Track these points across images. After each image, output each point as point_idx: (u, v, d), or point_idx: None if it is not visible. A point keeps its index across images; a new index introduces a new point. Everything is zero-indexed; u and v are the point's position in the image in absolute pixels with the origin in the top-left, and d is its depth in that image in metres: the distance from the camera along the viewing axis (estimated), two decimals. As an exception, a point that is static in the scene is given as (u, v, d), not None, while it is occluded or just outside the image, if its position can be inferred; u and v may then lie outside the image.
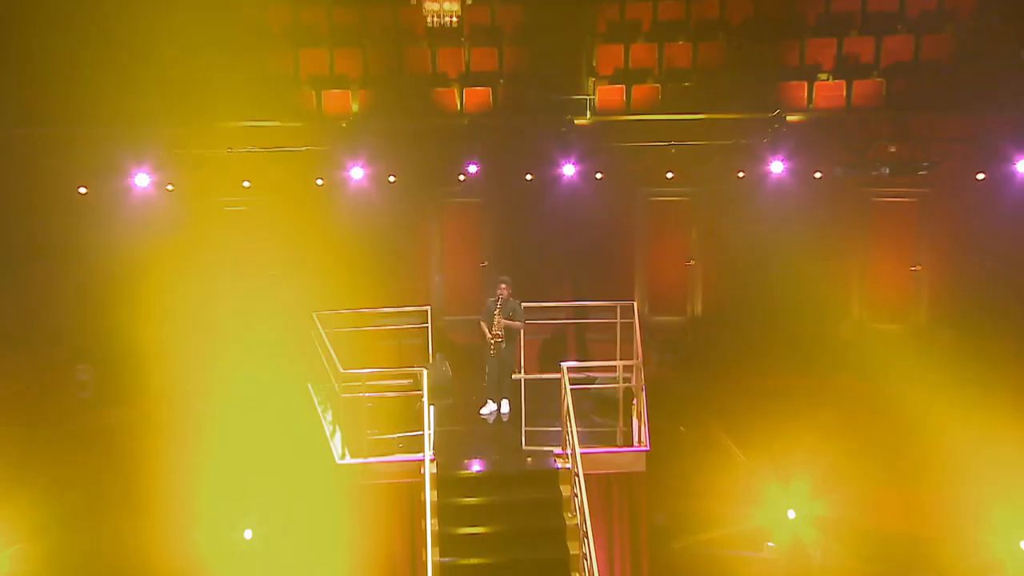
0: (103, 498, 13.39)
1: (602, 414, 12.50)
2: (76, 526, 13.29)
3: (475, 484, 11.93)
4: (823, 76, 16.36)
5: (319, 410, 12.83)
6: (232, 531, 13.42)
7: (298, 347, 13.73)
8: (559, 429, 11.80)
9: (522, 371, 12.89)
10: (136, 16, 14.77)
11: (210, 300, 14.99)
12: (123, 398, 14.16)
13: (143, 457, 13.13)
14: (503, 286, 13.69)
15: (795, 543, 13.66)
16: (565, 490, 11.18)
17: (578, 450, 10.98)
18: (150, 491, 13.03)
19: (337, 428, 12.29)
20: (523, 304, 13.48)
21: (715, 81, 16.80)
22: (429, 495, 10.81)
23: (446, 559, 10.73)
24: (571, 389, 11.59)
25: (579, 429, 11.68)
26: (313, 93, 16.92)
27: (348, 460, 11.63)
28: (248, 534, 13.33)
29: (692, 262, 17.11)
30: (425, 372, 11.91)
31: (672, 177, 16.29)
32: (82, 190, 14.95)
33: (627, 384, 12.49)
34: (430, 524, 10.56)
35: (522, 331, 13.42)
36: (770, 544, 13.65)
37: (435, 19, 16.65)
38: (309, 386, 13.19)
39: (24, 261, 15.26)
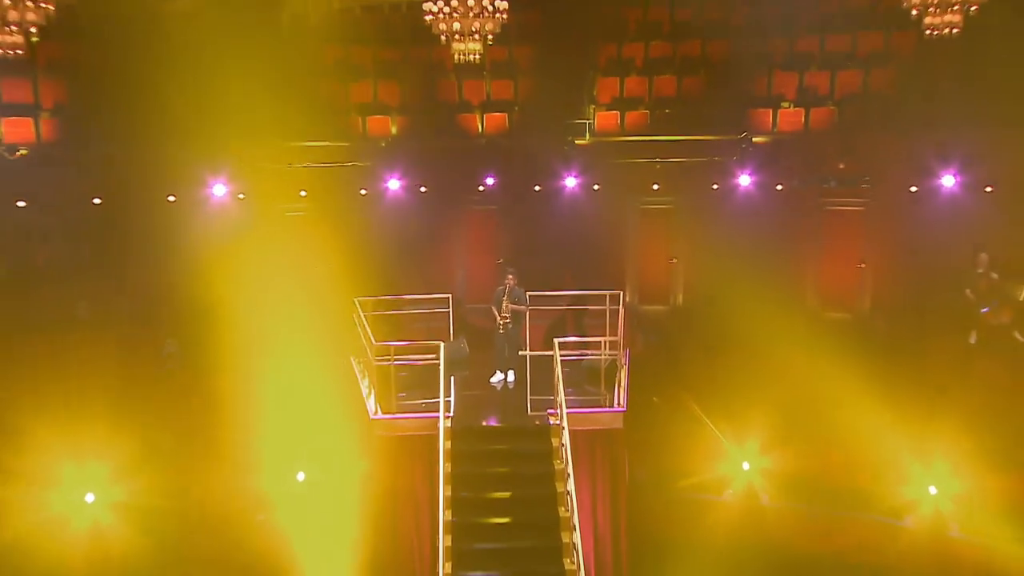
0: (185, 445, 13.97)
1: (592, 383, 12.98)
2: (164, 467, 13.66)
3: (483, 436, 12.59)
4: (786, 104, 16.81)
5: (358, 376, 13.37)
6: (287, 474, 13.96)
7: (342, 326, 14.00)
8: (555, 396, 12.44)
9: (527, 348, 13.23)
10: (215, 56, 15.01)
11: (272, 288, 15.08)
12: (201, 366, 14.63)
13: (217, 413, 13.70)
14: (510, 277, 14.27)
15: (748, 490, 14.14)
16: (555, 442, 11.69)
17: (565, 409, 11.58)
18: (223, 440, 13.54)
19: (372, 390, 12.81)
20: (530, 293, 13.95)
21: (695, 108, 17.25)
22: (442, 444, 11.49)
23: (458, 495, 11.34)
24: (562, 361, 12.18)
25: (572, 396, 12.32)
26: (359, 118, 17.51)
27: (379, 416, 12.30)
28: (300, 476, 13.90)
29: (675, 260, 17.53)
30: (442, 345, 12.49)
31: (658, 188, 16.98)
32: (171, 198, 15.68)
33: (612, 358, 13.11)
34: (442, 467, 11.28)
35: (527, 314, 13.83)
36: (729, 491, 14.11)
37: (461, 56, 15.58)
38: (352, 359, 13.65)
39: (124, 256, 15.93)
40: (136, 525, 13.40)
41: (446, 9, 15.03)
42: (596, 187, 16.69)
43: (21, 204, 15.40)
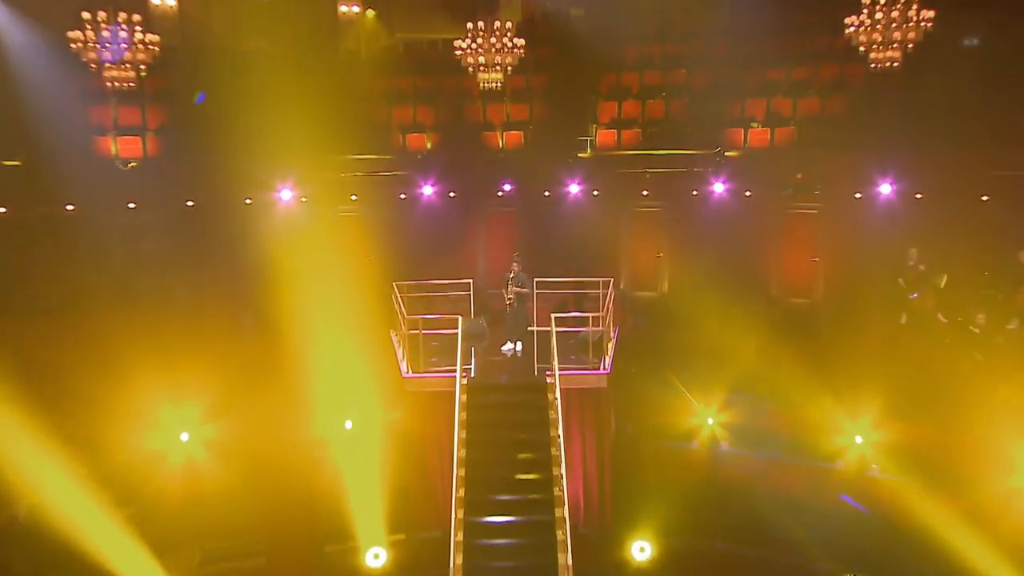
0: (260, 396, 14.22)
1: (587, 353, 13.61)
2: (243, 414, 14.24)
3: (492, 391, 13.39)
4: (755, 125, 17.12)
5: (395, 344, 14.08)
6: (338, 421, 14.42)
7: (383, 305, 14.53)
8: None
9: (534, 324, 14.08)
10: (284, 85, 15.91)
11: (327, 273, 15.31)
12: (272, 334, 14.93)
13: (284, 372, 14.15)
14: (514, 265, 14.94)
15: (711, 440, 14.41)
16: (551, 396, 12.43)
17: (557, 370, 12.51)
18: (289, 393, 14.07)
19: (404, 355, 13.66)
20: (537, 279, 14.58)
21: (679, 128, 17.69)
22: (459, 397, 12.49)
23: (471, 437, 12.28)
24: (561, 334, 13.12)
25: (568, 363, 13.20)
26: (400, 135, 18.13)
27: (410, 375, 13.35)
28: (348, 424, 14.32)
29: (661, 255, 17.67)
30: (460, 319, 13.35)
31: (647, 194, 17.29)
32: (248, 200, 16.47)
33: (603, 332, 13.84)
34: (458, 415, 12.32)
35: (533, 295, 14.42)
36: (695, 441, 14.39)
37: (485, 84, 17.05)
38: (391, 331, 14.28)
39: (211, 247, 16.36)
40: (221, 460, 14.14)
41: (473, 45, 16.52)
42: (596, 193, 17.13)
43: (132, 206, 16.10)
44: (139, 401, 14.05)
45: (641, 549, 12.39)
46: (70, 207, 15.85)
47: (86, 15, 14.49)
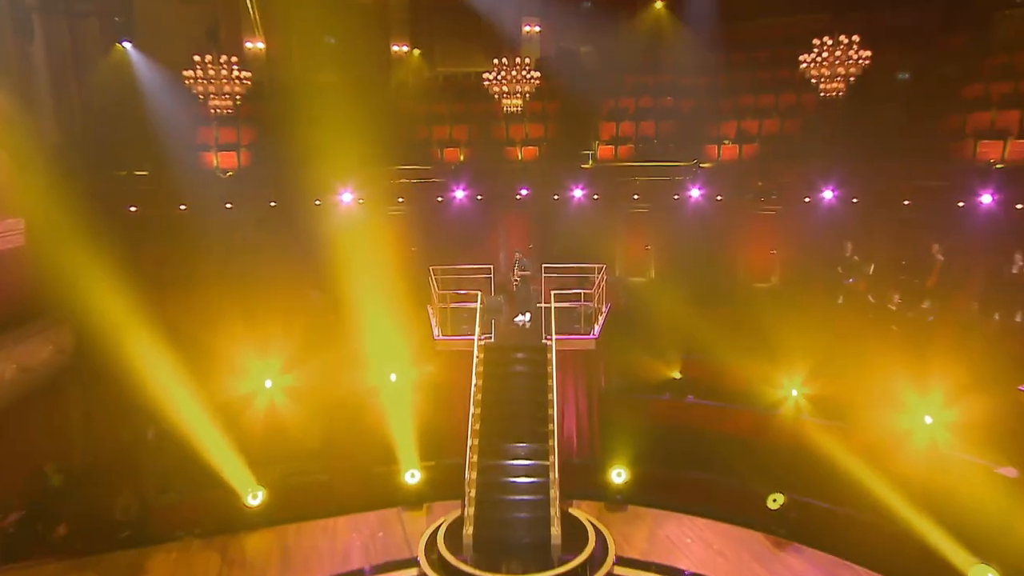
0: (327, 354, 15.22)
1: (582, 323, 14.27)
2: (314, 367, 15.08)
3: (502, 350, 14.14)
4: (727, 141, 17.58)
5: (429, 315, 14.90)
6: (385, 374, 15.05)
7: (422, 284, 15.46)
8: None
9: (542, 300, 14.50)
10: (346, 109, 16.32)
11: (379, 259, 15.67)
12: (334, 306, 15.84)
13: (343, 335, 15.19)
14: (518, 253, 15.77)
15: (679, 391, 15.11)
16: (549, 356, 13.29)
17: (554, 335, 13.42)
18: (349, 352, 15.10)
19: (436, 323, 14.56)
20: (545, 266, 15.14)
21: (665, 143, 18.20)
22: (476, 355, 13.42)
23: (485, 385, 13.20)
24: (556, 307, 13.72)
25: (569, 331, 13.90)
26: (438, 150, 18.69)
27: (440, 338, 14.30)
28: (393, 377, 14.97)
29: (649, 247, 18.31)
30: (480, 294, 14.29)
31: (637, 198, 18.00)
32: (317, 202, 17.14)
33: (596, 308, 14.54)
34: (475, 368, 13.27)
35: (541, 278, 14.97)
36: (667, 393, 15.10)
37: (508, 109, 17.60)
38: (427, 305, 15.07)
39: (288, 238, 17.05)
40: (297, 402, 15.02)
41: (498, 77, 16.92)
42: (596, 196, 17.70)
43: (228, 205, 17.04)
44: (235, 354, 14.94)
45: (618, 474, 13.09)
46: (183, 207, 16.79)
47: (197, 57, 15.22)
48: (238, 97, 15.89)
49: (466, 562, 10.70)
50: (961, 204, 14.16)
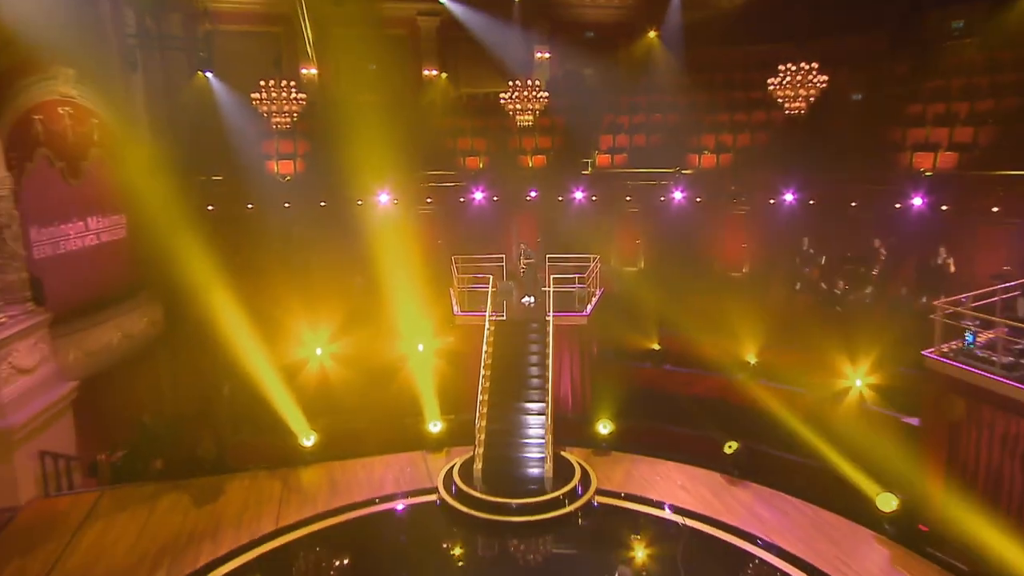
0: (367, 327, 15.88)
1: (577, 303, 14.70)
2: (356, 337, 15.72)
3: (509, 324, 14.59)
4: (706, 151, 18.15)
5: (451, 295, 15.37)
6: (414, 344, 15.51)
7: (445, 270, 16.12)
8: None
9: (546, 286, 14.68)
10: (384, 124, 16.73)
11: (410, 250, 16.53)
12: (373, 289, 16.23)
13: (380, 312, 15.68)
14: (523, 246, 16.33)
15: (657, 360, 15.42)
16: (548, 330, 13.77)
17: (551, 312, 14.02)
18: (383, 326, 15.66)
19: (456, 302, 15.08)
20: (550, 256, 15.65)
21: (653, 153, 18.55)
22: (487, 327, 13.97)
23: (494, 351, 13.76)
24: (556, 290, 14.21)
25: (563, 309, 14.29)
26: (461, 158, 19.21)
27: (459, 314, 14.81)
28: (420, 347, 15.42)
29: (639, 241, 18.76)
30: (491, 278, 14.78)
31: (629, 199, 18.49)
32: (359, 202, 17.54)
33: (590, 291, 15.10)
34: (485, 338, 13.78)
35: (545, 265, 15.36)
36: (648, 362, 15.51)
37: (521, 123, 18.53)
38: (449, 288, 15.61)
39: (335, 232, 17.40)
40: (342, 366, 15.65)
41: (513, 96, 17.66)
42: (594, 198, 18.27)
43: (287, 205, 17.49)
44: (293, 326, 15.59)
45: (604, 426, 13.47)
46: (250, 205, 17.39)
47: (262, 82, 16.19)
48: (295, 114, 16.74)
49: (475, 489, 11.68)
50: (898, 206, 14.80)
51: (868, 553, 10.23)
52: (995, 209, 13.58)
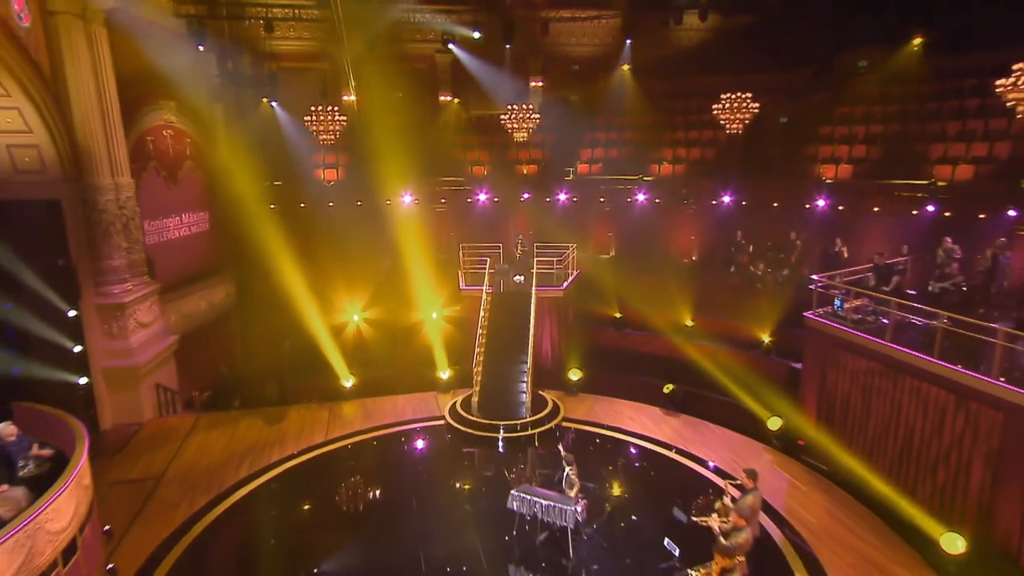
0: (394, 298, 17.28)
1: (555, 280, 15.97)
2: (385, 306, 17.26)
3: (502, 297, 15.74)
4: (664, 162, 19.22)
5: (459, 274, 16.41)
6: (429, 312, 16.75)
7: (455, 255, 17.02)
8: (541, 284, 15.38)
9: (534, 267, 15.87)
10: (407, 140, 17.72)
11: (427, 240, 17.77)
12: (398, 269, 17.40)
13: (404, 287, 17.06)
14: (520, 236, 17.56)
15: (618, 325, 16.90)
16: (532, 301, 15.01)
17: (534, 287, 15.36)
18: (405, 298, 17.03)
19: (462, 279, 16.21)
20: (538, 245, 16.55)
21: (623, 163, 19.61)
22: (484, 298, 15.08)
23: (490, 317, 14.93)
24: (539, 271, 15.64)
25: (545, 285, 15.51)
26: (469, 167, 20.12)
27: (464, 288, 16.05)
28: (434, 314, 16.71)
29: (611, 234, 19.72)
30: (488, 260, 16.01)
31: (603, 200, 19.43)
32: (388, 201, 18.42)
33: (567, 271, 16.35)
34: (482, 305, 14.96)
35: (534, 251, 16.29)
36: (611, 327, 16.85)
37: (517, 139, 19.10)
38: (458, 269, 16.60)
39: (369, 225, 18.22)
40: (374, 329, 17.36)
41: (511, 117, 18.36)
42: (575, 199, 19.37)
43: (331, 204, 18.46)
44: (336, 297, 17.18)
45: (574, 374, 14.71)
46: (303, 204, 18.47)
47: (313, 108, 17.32)
48: (337, 133, 17.83)
49: (471, 414, 13.61)
50: (808, 206, 16.42)
51: (757, 458, 11.97)
52: (876, 209, 15.42)
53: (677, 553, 8.06)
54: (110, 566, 8.81)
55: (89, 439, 8.75)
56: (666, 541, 8.27)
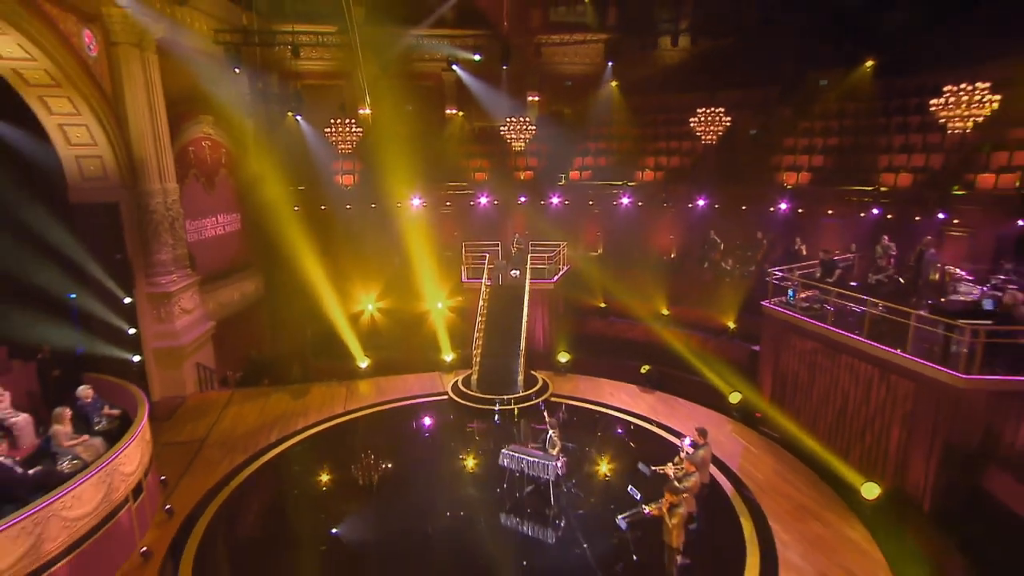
0: (400, 290, 17.95)
1: (547, 274, 16.73)
2: (396, 296, 17.93)
3: (500, 289, 16.44)
4: (647, 169, 20.04)
5: (462, 268, 17.09)
6: (435, 302, 17.53)
7: (459, 252, 17.79)
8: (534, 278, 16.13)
9: (528, 263, 16.46)
10: (416, 149, 18.41)
11: (434, 238, 18.48)
12: (407, 265, 18.05)
13: (412, 280, 17.77)
14: (516, 235, 18.07)
15: (605, 314, 17.61)
16: (526, 292, 15.84)
17: (528, 280, 16.18)
18: (413, 289, 17.69)
19: (464, 273, 16.93)
20: (533, 243, 17.23)
21: (609, 170, 20.39)
22: (483, 290, 15.83)
23: (488, 306, 15.60)
24: (532, 266, 16.38)
25: (537, 278, 16.30)
26: (472, 173, 20.91)
27: (465, 280, 16.92)
28: (439, 304, 17.50)
29: (599, 233, 20.42)
30: (487, 255, 16.71)
31: (592, 203, 20.18)
32: (399, 204, 19.04)
33: (558, 267, 17.10)
34: (481, 296, 15.57)
35: (529, 247, 16.94)
36: (596, 316, 17.65)
37: (515, 148, 19.87)
38: (461, 264, 17.26)
39: (381, 226, 18.90)
40: (386, 317, 18.11)
41: (510, 129, 19.10)
42: (567, 203, 20.15)
43: (348, 207, 19.17)
44: (353, 289, 17.92)
45: (563, 356, 15.51)
46: (323, 207, 19.16)
47: (332, 121, 18.09)
48: (354, 143, 18.58)
49: (471, 389, 14.64)
50: (772, 209, 17.37)
51: (720, 428, 12.99)
52: (830, 212, 16.42)
53: (639, 497, 9.05)
54: (167, 507, 10.02)
55: (148, 404, 9.90)
56: (629, 488, 9.27)
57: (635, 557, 8.91)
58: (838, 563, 8.70)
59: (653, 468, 9.21)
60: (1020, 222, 12.23)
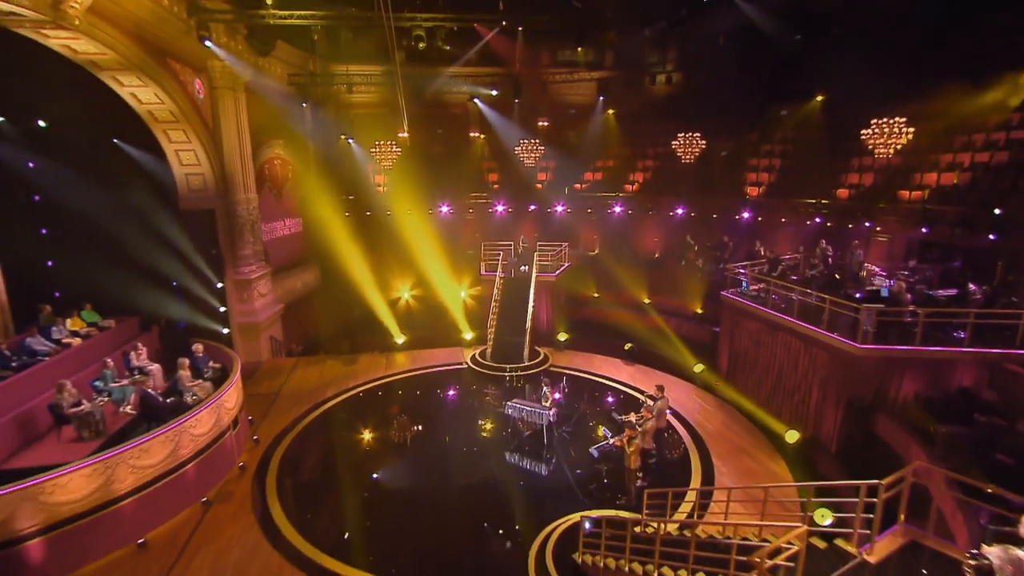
0: (432, 282, 18.90)
1: (551, 269, 17.75)
2: (424, 286, 19.09)
3: (511, 280, 17.50)
4: (634, 183, 21.18)
5: (480, 263, 18.19)
6: (458, 292, 18.62)
7: (478, 250, 18.76)
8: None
9: (534, 260, 17.41)
10: (446, 167, 19.48)
11: (458, 238, 19.90)
12: (437, 260, 18.89)
13: (438, 273, 19.02)
14: (521, 236, 19.12)
15: (599, 304, 18.88)
16: (532, 283, 17.01)
17: (535, 274, 17.34)
18: (430, 284, 18.94)
19: (482, 266, 18.04)
20: (539, 243, 18.19)
21: (604, 183, 21.75)
22: (497, 280, 17.04)
23: (501, 296, 16.75)
24: (537, 262, 17.43)
25: (542, 272, 17.30)
26: (491, 185, 22.10)
27: (483, 274, 17.94)
28: (463, 294, 18.70)
29: (595, 236, 21.26)
30: (501, 253, 17.75)
31: (590, 211, 21.00)
32: (430, 211, 20.13)
33: (560, 264, 18.14)
34: (496, 286, 16.91)
35: (535, 246, 18.05)
36: (592, 305, 18.89)
37: (528, 164, 20.82)
38: (479, 260, 18.29)
39: (415, 228, 19.75)
40: (417, 303, 19.55)
41: (523, 149, 20.20)
42: (570, 210, 20.94)
43: (388, 213, 19.85)
44: (393, 279, 19.35)
45: (562, 335, 16.64)
46: (368, 212, 20.13)
47: (376, 142, 19.22)
48: (394, 159, 19.69)
49: (486, 360, 16.02)
50: (737, 217, 18.48)
51: (684, 392, 14.36)
52: (783, 220, 17.63)
53: (609, 436, 10.79)
54: (255, 437, 11.88)
55: (240, 362, 11.66)
56: (602, 430, 11.00)
57: (605, 480, 10.48)
58: (757, 483, 10.19)
59: (621, 416, 10.63)
60: (924, 229, 13.41)
